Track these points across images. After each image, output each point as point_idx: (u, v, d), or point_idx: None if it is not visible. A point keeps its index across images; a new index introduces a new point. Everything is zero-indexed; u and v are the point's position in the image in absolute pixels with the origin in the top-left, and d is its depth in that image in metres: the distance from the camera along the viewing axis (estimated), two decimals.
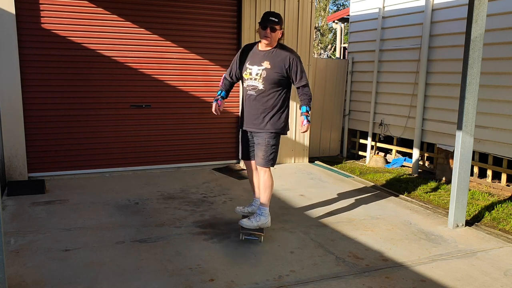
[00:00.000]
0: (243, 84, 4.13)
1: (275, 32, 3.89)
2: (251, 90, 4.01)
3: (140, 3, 6.08)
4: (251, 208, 4.25)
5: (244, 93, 4.13)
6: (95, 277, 3.23)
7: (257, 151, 4.06)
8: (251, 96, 4.02)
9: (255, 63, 3.99)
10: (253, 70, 3.97)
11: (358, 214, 4.83)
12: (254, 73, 3.97)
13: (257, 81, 3.96)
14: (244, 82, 4.09)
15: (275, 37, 3.92)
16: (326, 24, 24.45)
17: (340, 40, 14.48)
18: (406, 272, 3.48)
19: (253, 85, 3.99)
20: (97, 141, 6.12)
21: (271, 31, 3.87)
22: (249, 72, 3.99)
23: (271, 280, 3.27)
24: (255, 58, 4.00)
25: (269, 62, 3.93)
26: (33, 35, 5.60)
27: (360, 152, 8.54)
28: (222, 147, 6.92)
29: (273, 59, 3.94)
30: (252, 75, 3.98)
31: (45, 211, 4.62)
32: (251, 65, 3.99)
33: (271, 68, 3.92)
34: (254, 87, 3.99)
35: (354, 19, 8.56)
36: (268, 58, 3.95)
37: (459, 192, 4.43)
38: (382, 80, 7.82)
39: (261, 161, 4.01)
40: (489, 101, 5.83)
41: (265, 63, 3.94)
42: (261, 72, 3.93)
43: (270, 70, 3.92)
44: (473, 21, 4.17)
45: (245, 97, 4.10)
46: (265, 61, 3.94)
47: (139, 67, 6.21)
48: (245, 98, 4.11)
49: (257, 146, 4.05)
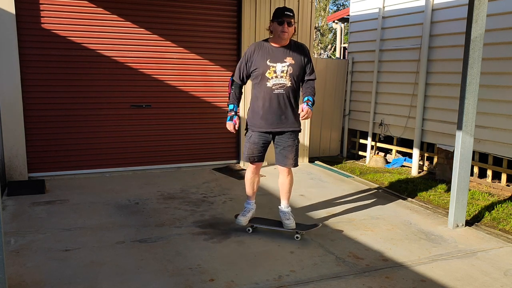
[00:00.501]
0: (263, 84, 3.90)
1: (291, 26, 3.84)
2: (279, 89, 3.87)
3: (140, 3, 6.08)
4: (251, 212, 4.17)
5: (264, 93, 3.90)
6: (95, 277, 3.23)
7: (286, 153, 3.99)
8: (279, 95, 3.88)
9: (277, 60, 3.87)
10: (278, 68, 3.86)
11: (358, 214, 4.83)
12: (279, 70, 3.85)
13: (284, 78, 3.87)
14: (267, 82, 3.87)
15: (291, 31, 3.86)
16: (326, 24, 24.44)
17: (340, 40, 14.48)
18: (406, 272, 3.48)
19: (281, 83, 3.87)
20: (97, 141, 6.13)
21: (288, 26, 3.81)
22: (273, 70, 3.86)
23: (271, 280, 3.27)
24: (276, 55, 3.88)
25: (292, 58, 3.88)
26: (33, 35, 5.60)
27: (360, 152, 8.54)
28: (222, 147, 6.92)
29: (294, 54, 3.89)
30: (277, 73, 3.86)
31: (45, 211, 4.62)
32: (274, 63, 3.87)
33: (295, 64, 3.88)
34: (282, 85, 3.87)
35: (354, 19, 8.56)
36: (290, 54, 3.89)
37: (459, 192, 4.43)
38: (382, 80, 7.82)
39: (292, 162, 4.01)
40: (489, 101, 5.83)
41: (288, 59, 3.87)
42: (287, 69, 3.86)
43: (295, 65, 3.88)
44: (473, 21, 4.17)
45: (268, 97, 3.89)
46: (287, 57, 3.87)
47: (139, 67, 6.21)
48: (267, 98, 3.90)
49: (287, 148, 3.98)
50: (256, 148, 4.03)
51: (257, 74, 3.92)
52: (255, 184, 4.18)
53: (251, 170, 4.14)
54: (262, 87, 3.91)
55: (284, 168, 4.07)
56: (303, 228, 4.09)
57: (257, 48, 3.94)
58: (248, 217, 4.13)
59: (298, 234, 4.03)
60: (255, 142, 4.02)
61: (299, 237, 4.02)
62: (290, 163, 4.03)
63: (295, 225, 4.07)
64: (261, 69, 3.89)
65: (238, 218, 4.13)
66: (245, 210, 4.17)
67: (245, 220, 4.11)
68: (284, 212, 4.12)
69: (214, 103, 6.73)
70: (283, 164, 4.06)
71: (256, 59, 3.91)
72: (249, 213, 4.14)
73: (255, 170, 4.14)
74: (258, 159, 4.08)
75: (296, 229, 4.04)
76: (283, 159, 4.03)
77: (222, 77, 6.70)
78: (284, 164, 4.05)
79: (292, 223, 4.05)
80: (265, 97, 3.91)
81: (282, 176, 4.13)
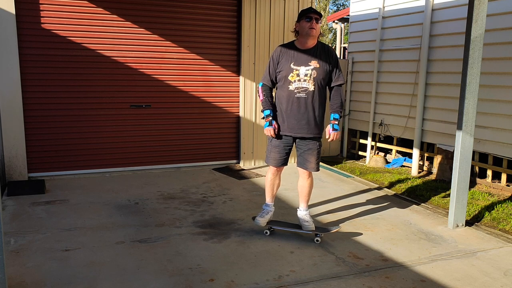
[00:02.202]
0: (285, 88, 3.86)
1: (319, 23, 3.80)
2: (301, 93, 3.82)
3: (140, 3, 6.08)
4: (270, 214, 4.11)
5: (286, 97, 3.86)
6: (95, 277, 3.23)
7: (308, 157, 3.95)
8: (300, 98, 3.82)
9: (301, 63, 3.81)
10: (301, 71, 3.80)
11: (358, 214, 4.83)
12: (302, 73, 3.79)
13: (307, 82, 3.80)
14: (289, 85, 3.83)
15: (319, 29, 3.82)
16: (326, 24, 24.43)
17: (340, 40, 14.48)
18: (406, 272, 3.48)
19: (303, 87, 3.81)
20: (97, 141, 6.13)
21: (316, 22, 3.77)
22: (296, 74, 3.80)
23: (271, 280, 3.27)
24: (300, 58, 3.82)
25: (317, 61, 3.81)
26: (33, 35, 5.60)
27: (360, 152, 8.54)
28: (222, 147, 6.92)
29: (319, 57, 3.83)
30: (301, 76, 3.80)
31: (45, 211, 4.62)
32: (297, 66, 3.80)
33: (320, 67, 3.81)
34: (304, 88, 3.81)
35: (354, 19, 8.56)
36: (315, 56, 3.82)
37: (459, 192, 4.43)
38: (382, 80, 7.81)
39: (315, 166, 3.98)
40: (489, 101, 5.83)
41: (313, 63, 3.80)
42: (311, 72, 3.79)
43: (319, 69, 3.81)
44: (473, 21, 4.17)
45: (290, 100, 3.84)
46: (312, 61, 3.81)
47: (139, 67, 6.21)
48: (289, 101, 3.85)
49: (308, 152, 3.94)
50: (278, 152, 3.98)
51: (280, 76, 3.88)
52: (275, 186, 4.13)
53: (272, 172, 4.08)
54: (285, 90, 3.87)
55: (305, 171, 4.02)
56: (322, 231, 4.03)
57: (283, 50, 3.90)
58: (267, 218, 4.08)
59: (317, 237, 3.97)
60: (276, 145, 3.98)
61: (319, 240, 3.95)
62: (311, 167, 3.98)
63: (315, 227, 4.03)
64: (285, 72, 3.84)
65: (256, 219, 4.08)
66: (263, 211, 4.11)
67: (263, 221, 4.06)
68: (302, 214, 4.08)
69: (214, 103, 6.73)
70: (304, 167, 4.00)
71: (281, 61, 3.87)
72: (267, 215, 4.09)
73: (276, 172, 4.08)
74: (280, 163, 4.03)
75: (316, 231, 4.00)
76: (304, 162, 3.99)
77: (222, 77, 6.70)
78: (305, 167, 3.99)
79: (311, 225, 4.01)
80: (287, 100, 3.87)
81: (302, 179, 4.09)
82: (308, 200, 4.12)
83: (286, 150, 3.99)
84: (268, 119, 3.93)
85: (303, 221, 4.04)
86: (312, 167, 3.98)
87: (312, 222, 4.05)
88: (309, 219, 4.05)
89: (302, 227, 4.06)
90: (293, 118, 3.87)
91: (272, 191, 4.12)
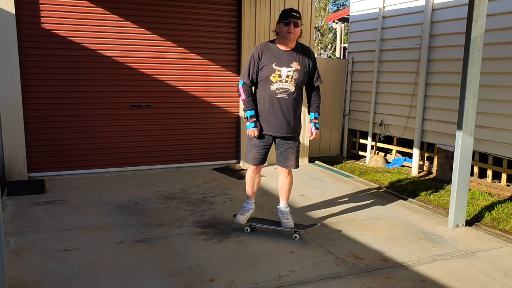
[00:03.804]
0: (266, 87, 3.87)
1: (298, 27, 3.80)
2: (282, 93, 3.84)
3: (140, 3, 6.08)
4: (251, 212, 4.17)
5: (267, 97, 3.88)
6: (95, 277, 3.23)
7: (288, 155, 4.01)
8: (281, 99, 3.85)
9: (283, 64, 3.83)
10: (283, 72, 3.82)
11: (358, 214, 4.83)
12: (284, 74, 3.82)
13: (288, 83, 3.83)
14: (270, 85, 3.84)
15: (298, 33, 3.83)
16: (326, 24, 24.44)
17: (340, 40, 14.48)
18: (406, 272, 3.48)
19: (284, 88, 3.84)
20: (97, 141, 6.13)
21: (295, 27, 3.77)
22: (278, 74, 3.82)
23: (271, 280, 3.27)
24: (282, 59, 3.84)
25: (298, 63, 3.85)
26: (33, 35, 5.60)
27: (360, 152, 8.54)
28: (222, 147, 6.92)
29: (300, 59, 3.86)
30: (282, 77, 3.82)
31: (45, 211, 4.62)
32: (279, 67, 3.82)
33: (301, 69, 3.86)
34: (285, 89, 3.84)
35: (354, 19, 8.56)
36: (296, 58, 3.85)
37: (459, 192, 4.43)
38: (382, 80, 7.81)
39: (294, 164, 4.04)
40: (489, 101, 5.83)
41: (294, 64, 3.84)
42: (292, 74, 3.82)
43: (300, 71, 3.85)
44: (473, 21, 4.17)
45: (271, 101, 3.87)
46: (293, 62, 3.84)
47: (139, 67, 6.21)
48: (270, 102, 3.88)
49: (288, 150, 4.00)
50: (257, 151, 4.02)
51: (262, 76, 3.89)
52: (256, 184, 4.17)
53: (251, 170, 4.13)
54: (266, 90, 3.89)
55: (284, 169, 4.08)
56: (301, 228, 4.10)
57: (265, 49, 3.89)
58: (247, 216, 4.14)
59: (296, 234, 4.04)
60: (255, 144, 4.01)
61: (297, 237, 4.02)
62: (291, 165, 4.04)
63: (294, 224, 4.09)
64: (266, 72, 3.85)
65: (236, 217, 4.15)
66: (244, 209, 4.18)
67: (243, 219, 4.12)
68: (282, 212, 4.14)
69: (214, 103, 6.73)
70: (284, 165, 4.06)
71: (263, 60, 3.87)
72: (248, 212, 4.15)
73: (256, 170, 4.13)
74: (260, 162, 4.07)
75: (294, 228, 4.06)
76: (285, 160, 4.04)
77: (222, 77, 6.70)
78: (286, 165, 4.05)
79: (290, 222, 4.07)
80: (268, 100, 3.89)
81: (281, 177, 4.15)
82: (288, 197, 4.18)
83: (265, 150, 4.05)
84: (252, 119, 3.94)
85: (283, 218, 4.10)
86: (292, 165, 4.05)
87: (292, 219, 4.10)
88: (289, 217, 4.10)
89: (281, 224, 4.10)
90: (274, 118, 3.91)
91: (253, 189, 4.18)
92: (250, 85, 3.99)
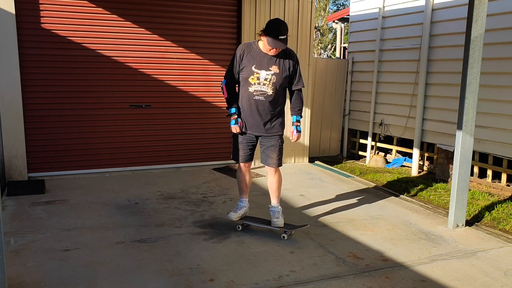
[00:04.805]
0: (245, 88, 3.93)
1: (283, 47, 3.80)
2: (259, 96, 3.88)
3: (140, 3, 6.08)
4: (243, 210, 4.20)
5: (246, 97, 3.94)
6: (95, 277, 3.23)
7: (270, 153, 4.04)
8: (258, 101, 3.90)
9: (262, 67, 3.85)
10: (261, 75, 3.85)
11: (358, 214, 4.83)
12: (262, 77, 3.85)
13: (266, 86, 3.86)
14: (249, 86, 3.90)
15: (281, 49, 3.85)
16: (326, 24, 24.43)
17: (340, 40, 14.47)
18: (406, 272, 3.48)
19: (261, 90, 3.87)
20: (97, 141, 6.13)
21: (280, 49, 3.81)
22: (256, 77, 3.85)
23: (271, 280, 3.27)
24: (262, 62, 3.86)
25: (277, 67, 3.86)
26: (33, 35, 5.60)
27: (360, 152, 8.54)
28: (222, 147, 6.91)
29: (280, 63, 3.87)
30: (260, 80, 3.85)
31: (45, 211, 4.62)
32: (258, 69, 3.85)
33: (280, 73, 3.87)
34: (263, 92, 3.88)
35: (354, 19, 8.56)
36: (276, 62, 3.87)
37: (459, 192, 4.43)
38: (382, 80, 7.81)
39: (276, 161, 4.06)
40: (489, 101, 5.83)
41: (273, 68, 3.85)
42: (271, 77, 3.84)
43: (279, 75, 3.86)
44: (473, 21, 4.17)
45: (249, 101, 3.93)
46: (273, 66, 3.86)
47: (139, 67, 6.21)
48: (248, 102, 3.94)
49: (270, 148, 4.03)
50: (242, 148, 4.09)
51: (242, 76, 3.95)
52: (246, 182, 4.22)
53: (240, 169, 4.20)
54: (245, 90, 3.96)
55: (271, 168, 4.10)
56: (291, 228, 4.09)
57: (246, 50, 3.93)
58: (240, 214, 4.16)
59: (285, 234, 4.03)
60: (240, 141, 4.10)
61: (285, 237, 4.01)
62: (273, 163, 4.07)
63: (284, 224, 4.09)
64: (245, 74, 3.90)
65: (229, 214, 4.18)
66: (237, 207, 4.21)
67: (235, 216, 4.15)
68: (273, 211, 4.15)
69: (214, 103, 6.72)
70: (266, 163, 4.11)
71: (244, 61, 3.92)
72: (240, 210, 4.18)
73: (244, 168, 4.19)
74: (245, 159, 4.14)
75: (284, 228, 4.06)
76: (267, 158, 4.09)
77: (222, 77, 6.64)
78: (268, 163, 4.10)
79: (280, 221, 4.07)
80: (247, 101, 3.96)
81: (269, 176, 4.18)
82: (278, 195, 4.18)
83: (250, 146, 4.10)
84: (234, 117, 4.01)
85: (273, 217, 4.11)
86: (274, 163, 4.07)
87: (282, 219, 4.10)
88: (280, 216, 4.10)
89: (271, 223, 4.11)
90: (251, 118, 3.98)
91: (244, 187, 4.22)
92: (232, 84, 4.05)
